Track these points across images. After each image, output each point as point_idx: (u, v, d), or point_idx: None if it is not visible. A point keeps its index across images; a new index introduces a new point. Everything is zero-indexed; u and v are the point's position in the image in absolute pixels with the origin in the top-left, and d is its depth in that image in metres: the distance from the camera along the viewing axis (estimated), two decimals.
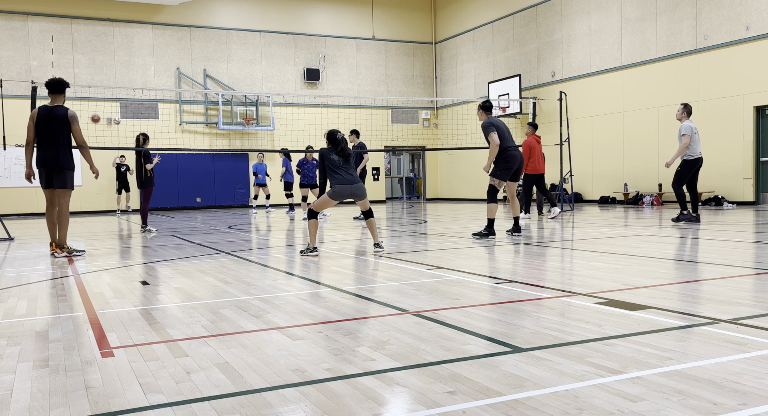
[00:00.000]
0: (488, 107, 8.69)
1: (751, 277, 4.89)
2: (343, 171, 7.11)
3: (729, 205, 15.14)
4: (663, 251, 6.80)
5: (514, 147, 8.52)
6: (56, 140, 7.44)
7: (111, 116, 21.05)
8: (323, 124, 22.87)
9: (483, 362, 2.74)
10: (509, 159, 8.44)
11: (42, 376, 2.71)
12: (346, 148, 7.21)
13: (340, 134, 7.21)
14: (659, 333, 3.16)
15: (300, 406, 2.26)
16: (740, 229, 9.14)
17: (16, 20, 20.10)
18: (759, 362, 2.64)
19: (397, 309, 3.94)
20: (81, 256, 7.60)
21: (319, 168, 7.29)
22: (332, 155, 7.16)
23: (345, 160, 7.15)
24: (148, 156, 11.22)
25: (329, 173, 7.15)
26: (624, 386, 2.38)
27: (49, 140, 7.44)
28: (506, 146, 8.44)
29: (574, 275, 5.34)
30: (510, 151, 8.45)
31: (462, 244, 7.94)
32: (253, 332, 3.43)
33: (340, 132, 7.27)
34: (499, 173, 8.48)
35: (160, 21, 21.82)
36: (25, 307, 4.35)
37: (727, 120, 15.43)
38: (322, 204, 7.22)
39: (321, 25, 24.25)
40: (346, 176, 7.09)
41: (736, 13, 15.11)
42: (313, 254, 7.00)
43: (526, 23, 21.49)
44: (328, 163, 7.14)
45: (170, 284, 5.25)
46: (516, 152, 8.48)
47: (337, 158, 7.14)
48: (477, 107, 8.81)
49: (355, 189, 7.11)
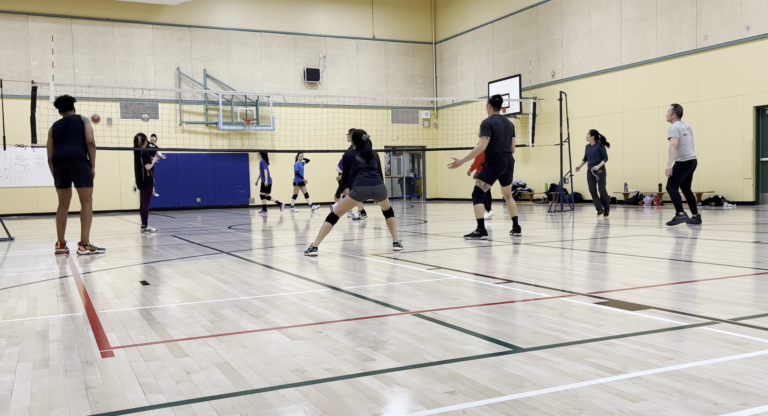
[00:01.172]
0: (496, 103, 8.64)
1: (751, 277, 4.89)
2: (365, 172, 7.16)
3: (729, 205, 15.14)
4: (663, 251, 6.80)
5: (504, 152, 8.47)
6: (74, 139, 7.72)
7: (110, 115, 21.05)
8: (323, 124, 22.89)
9: (483, 362, 2.74)
10: (496, 163, 8.46)
11: (42, 376, 2.71)
12: (371, 150, 7.29)
13: (365, 135, 7.27)
14: (659, 333, 3.15)
15: (300, 406, 2.26)
16: (740, 229, 9.14)
17: (16, 20, 20.10)
18: (759, 362, 2.64)
19: (397, 309, 3.94)
20: (102, 254, 7.82)
21: (343, 171, 7.31)
22: (357, 157, 7.21)
23: (367, 160, 7.19)
24: (147, 156, 11.26)
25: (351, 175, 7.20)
26: (624, 386, 2.38)
27: (66, 139, 7.71)
28: (495, 150, 8.43)
29: (574, 275, 5.34)
30: (498, 156, 8.44)
31: (462, 244, 7.95)
32: (253, 332, 3.43)
33: (366, 133, 7.31)
34: (485, 175, 8.54)
35: (160, 21, 21.82)
36: (25, 307, 4.35)
37: (727, 120, 15.43)
38: (344, 206, 7.26)
39: (321, 25, 24.25)
40: (367, 177, 7.14)
41: (736, 13, 15.11)
42: (312, 253, 7.01)
43: (526, 23, 21.49)
44: (352, 166, 7.20)
45: (170, 284, 5.25)
46: (505, 157, 8.46)
47: (361, 160, 7.19)
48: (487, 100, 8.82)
49: (377, 190, 7.15)
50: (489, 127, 8.40)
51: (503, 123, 8.51)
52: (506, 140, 8.48)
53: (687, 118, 16.31)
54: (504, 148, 8.47)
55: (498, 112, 8.66)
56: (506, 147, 8.51)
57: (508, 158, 8.53)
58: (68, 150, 7.66)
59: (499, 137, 8.40)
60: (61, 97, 7.89)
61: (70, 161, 7.65)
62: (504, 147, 8.47)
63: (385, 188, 7.26)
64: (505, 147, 8.49)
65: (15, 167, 19.85)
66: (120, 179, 21.08)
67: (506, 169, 8.51)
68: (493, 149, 8.42)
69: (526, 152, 21.90)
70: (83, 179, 7.73)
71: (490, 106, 8.65)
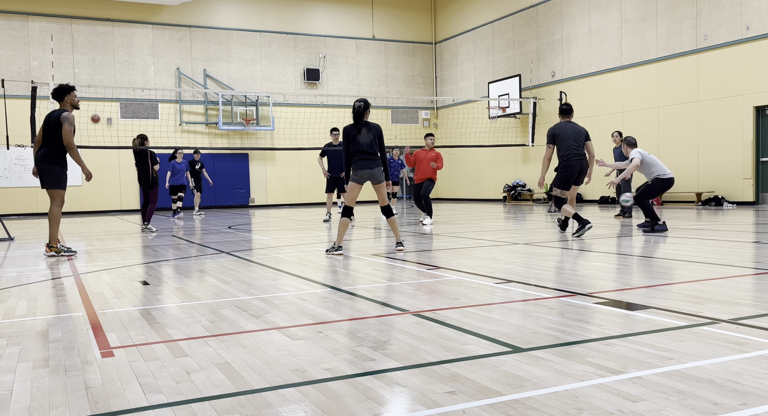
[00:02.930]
0: (563, 111, 8.82)
1: (751, 277, 4.89)
2: (363, 155, 6.96)
3: (729, 205, 15.14)
4: (663, 251, 6.80)
5: (575, 156, 8.50)
6: (51, 138, 7.53)
7: (110, 115, 21.04)
8: (323, 124, 22.88)
9: (483, 362, 2.74)
10: (567, 168, 8.53)
11: (42, 376, 2.71)
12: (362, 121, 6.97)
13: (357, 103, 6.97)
14: (659, 333, 3.15)
15: (300, 406, 2.26)
16: (740, 229, 9.14)
17: (16, 20, 20.10)
18: (759, 362, 2.64)
19: (397, 309, 3.94)
20: (73, 255, 7.62)
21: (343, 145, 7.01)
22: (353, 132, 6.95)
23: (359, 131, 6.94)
24: (154, 157, 11.30)
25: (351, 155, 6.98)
26: (624, 386, 2.38)
27: (45, 140, 7.57)
28: (567, 155, 8.50)
29: (574, 275, 5.34)
30: (570, 160, 8.50)
31: (462, 244, 7.94)
32: (253, 332, 3.43)
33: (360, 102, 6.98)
34: (558, 182, 8.63)
35: (160, 21, 21.82)
36: (25, 307, 4.35)
37: (727, 120, 15.43)
38: (350, 194, 7.10)
39: (321, 25, 24.25)
40: (365, 160, 6.96)
41: (736, 13, 15.11)
42: (337, 252, 6.98)
43: (526, 23, 21.50)
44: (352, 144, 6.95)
45: (170, 284, 5.25)
46: (577, 162, 8.50)
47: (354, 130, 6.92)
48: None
49: (375, 172, 7.02)
50: (552, 135, 8.63)
51: (570, 128, 8.59)
52: (575, 144, 8.52)
53: (688, 118, 16.32)
54: (574, 151, 8.51)
55: (567, 118, 8.78)
56: (578, 150, 8.54)
57: (581, 163, 8.56)
58: (39, 152, 7.54)
59: (564, 141, 8.50)
60: (55, 87, 7.75)
61: (38, 164, 7.56)
62: (574, 151, 8.51)
63: (382, 172, 7.08)
64: (577, 151, 8.53)
65: (15, 167, 19.85)
66: (120, 179, 21.08)
67: (578, 173, 8.59)
68: (564, 154, 8.52)
69: (526, 152, 21.90)
70: (48, 181, 7.53)
71: (559, 113, 8.88)
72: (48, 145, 7.52)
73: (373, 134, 7.02)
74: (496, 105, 21.87)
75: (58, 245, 7.63)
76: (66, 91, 7.68)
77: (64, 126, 7.46)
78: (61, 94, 7.67)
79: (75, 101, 7.75)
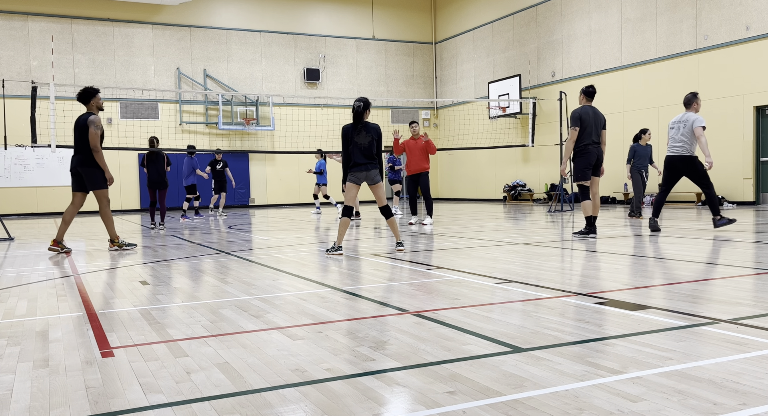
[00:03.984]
0: (589, 93, 8.47)
1: (751, 277, 4.89)
2: (358, 155, 6.99)
3: (729, 205, 15.13)
4: (663, 251, 6.80)
5: (593, 143, 8.28)
6: (80, 146, 7.81)
7: (110, 116, 21.04)
8: (323, 124, 22.88)
9: (483, 362, 2.74)
10: (585, 155, 8.26)
11: (42, 376, 2.71)
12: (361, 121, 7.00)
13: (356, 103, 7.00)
14: (659, 333, 3.15)
15: (300, 406, 2.26)
16: (740, 229, 9.14)
17: (16, 20, 20.10)
18: (759, 362, 2.64)
19: (397, 309, 3.94)
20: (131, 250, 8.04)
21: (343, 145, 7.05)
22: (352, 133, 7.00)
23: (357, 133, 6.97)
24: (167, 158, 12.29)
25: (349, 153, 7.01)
26: (624, 386, 2.38)
27: (78, 146, 7.84)
28: (585, 142, 8.25)
29: (574, 275, 5.34)
30: (587, 146, 8.25)
31: (462, 244, 7.94)
32: (253, 332, 3.43)
33: (360, 101, 7.01)
34: (579, 172, 8.32)
35: (160, 21, 21.82)
36: (25, 307, 4.35)
37: (727, 120, 15.43)
38: (349, 195, 7.13)
39: (321, 25, 24.25)
40: (361, 159, 7.00)
41: (736, 13, 15.11)
42: (338, 252, 6.99)
43: (526, 23, 21.50)
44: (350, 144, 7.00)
45: (170, 284, 5.24)
46: (594, 148, 8.27)
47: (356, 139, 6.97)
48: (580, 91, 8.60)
49: (371, 173, 7.06)
50: (578, 118, 8.24)
51: (593, 114, 8.34)
52: (595, 131, 8.31)
53: None
54: (593, 139, 8.28)
55: (590, 102, 8.48)
56: (595, 138, 8.31)
57: (597, 149, 8.32)
58: (74, 159, 7.87)
59: (587, 127, 8.24)
60: (80, 91, 8.00)
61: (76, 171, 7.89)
62: (593, 138, 8.28)
63: (377, 172, 7.10)
64: (594, 138, 8.30)
65: (15, 167, 19.85)
66: (120, 179, 21.07)
67: (595, 159, 8.30)
68: (583, 140, 8.24)
69: (526, 152, 21.90)
70: (91, 184, 7.86)
71: (583, 96, 8.49)
72: (82, 151, 7.78)
73: (371, 135, 7.05)
74: (496, 105, 21.87)
75: (119, 240, 8.09)
76: (92, 94, 7.96)
77: (90, 129, 7.71)
78: (87, 98, 7.93)
79: (100, 103, 8.08)
